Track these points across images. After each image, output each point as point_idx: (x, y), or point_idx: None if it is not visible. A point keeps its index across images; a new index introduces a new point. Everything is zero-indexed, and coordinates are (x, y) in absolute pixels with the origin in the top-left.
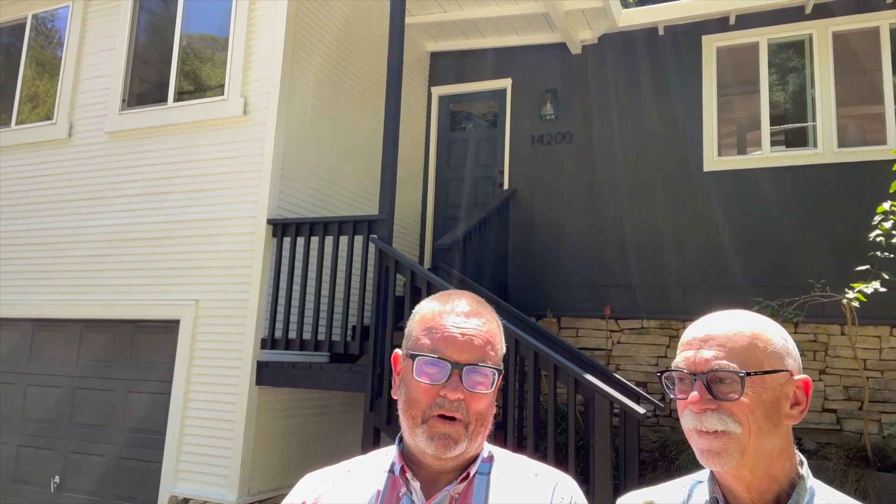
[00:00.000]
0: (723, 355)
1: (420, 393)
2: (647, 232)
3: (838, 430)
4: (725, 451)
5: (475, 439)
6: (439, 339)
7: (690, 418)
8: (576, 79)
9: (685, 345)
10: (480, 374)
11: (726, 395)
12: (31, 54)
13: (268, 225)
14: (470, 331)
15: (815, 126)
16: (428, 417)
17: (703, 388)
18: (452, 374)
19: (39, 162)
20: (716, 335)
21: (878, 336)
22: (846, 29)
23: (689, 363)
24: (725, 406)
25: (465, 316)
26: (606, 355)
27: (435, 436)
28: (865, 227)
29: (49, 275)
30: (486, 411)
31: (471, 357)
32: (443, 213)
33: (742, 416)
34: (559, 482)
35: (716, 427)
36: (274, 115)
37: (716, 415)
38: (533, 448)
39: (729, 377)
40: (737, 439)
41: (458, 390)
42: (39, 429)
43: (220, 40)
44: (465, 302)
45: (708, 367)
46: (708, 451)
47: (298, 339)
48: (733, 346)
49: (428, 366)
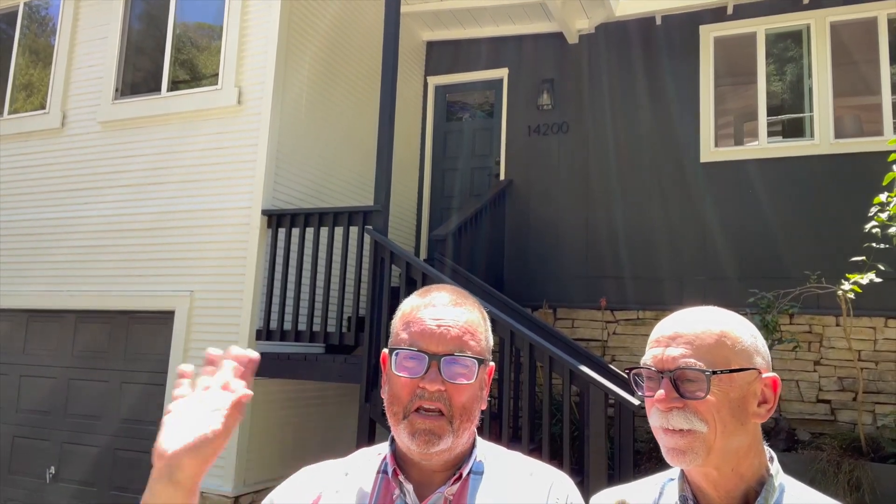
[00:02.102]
0: (690, 353)
1: (400, 387)
2: (643, 223)
3: (832, 420)
4: (691, 450)
5: (461, 434)
6: (416, 332)
7: (657, 416)
8: (573, 69)
9: (654, 342)
10: (460, 364)
11: (692, 394)
12: (23, 42)
13: (263, 216)
14: (447, 322)
15: (812, 117)
16: (409, 412)
17: (669, 387)
18: (430, 365)
19: (32, 152)
20: (683, 333)
21: (873, 327)
22: (844, 19)
23: (656, 361)
24: (692, 404)
25: (443, 307)
26: (602, 346)
27: (416, 432)
28: (861, 217)
29: (43, 265)
30: (470, 404)
31: (448, 348)
32: (439, 203)
33: (708, 414)
34: (555, 482)
35: (681, 426)
36: (269, 105)
37: (682, 413)
38: (528, 439)
39: (695, 375)
40: (702, 438)
41: (437, 381)
42: (34, 420)
43: (215, 29)
44: (444, 294)
45: (675, 366)
46: (674, 449)
47: (293, 331)
48: (701, 344)
49: (407, 360)
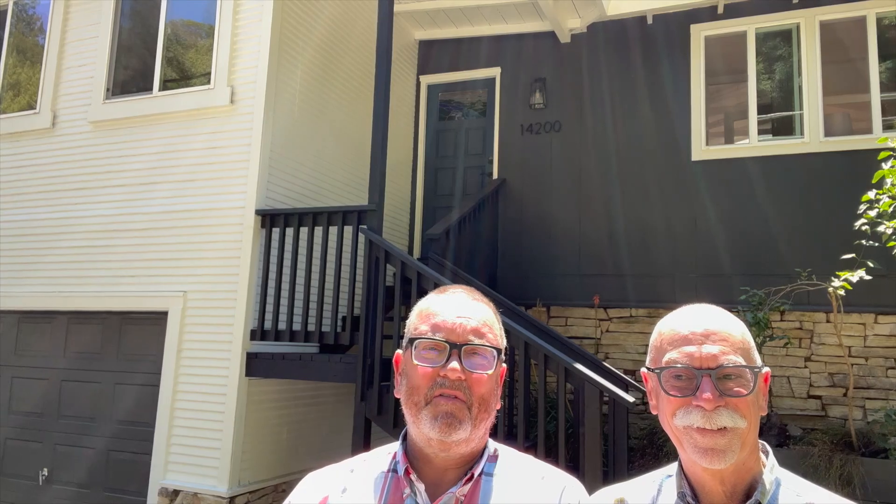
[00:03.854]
0: (729, 350)
1: (420, 378)
2: (635, 221)
3: (823, 416)
4: (730, 449)
5: (479, 426)
6: (437, 323)
7: (697, 416)
8: (565, 68)
9: (680, 339)
10: (480, 355)
11: (735, 391)
12: (12, 41)
13: (256, 216)
14: (467, 313)
15: (801, 115)
16: (430, 398)
17: (713, 385)
18: (451, 354)
19: (23, 152)
20: (716, 330)
21: (863, 323)
22: (833, 18)
23: (693, 359)
24: (732, 402)
25: (462, 302)
26: (595, 344)
27: (439, 415)
28: (851, 215)
29: (35, 266)
30: (488, 396)
31: (468, 338)
32: (432, 203)
33: (747, 410)
34: (567, 486)
35: (725, 424)
36: (262, 105)
37: (726, 411)
38: (523, 437)
39: (738, 372)
40: (740, 435)
41: (458, 370)
42: (27, 422)
43: (206, 27)
44: (462, 291)
45: (717, 363)
46: (712, 449)
47: (288, 330)
48: (734, 341)
49: (427, 350)
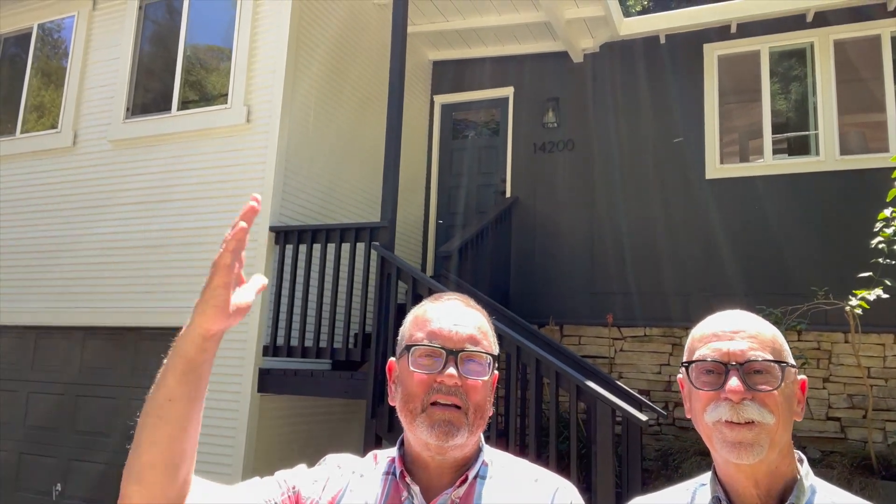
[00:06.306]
0: (757, 346)
1: (416, 384)
2: (649, 239)
3: (842, 438)
4: (757, 443)
5: (474, 431)
6: (433, 330)
7: (725, 409)
8: (577, 87)
9: (710, 337)
10: (475, 361)
11: (761, 386)
12: (36, 64)
13: (270, 232)
14: (462, 321)
15: (817, 134)
16: (426, 405)
17: (741, 378)
18: (448, 360)
19: (44, 170)
20: (745, 328)
21: (882, 344)
22: (847, 37)
23: (721, 354)
24: (760, 396)
25: (457, 309)
26: (609, 363)
27: (436, 423)
28: (867, 234)
29: (51, 282)
30: (483, 402)
31: (464, 345)
32: (446, 221)
33: (775, 406)
34: (559, 488)
35: (752, 417)
36: (277, 123)
37: (753, 404)
38: (535, 456)
39: (766, 367)
40: (768, 430)
41: (455, 376)
42: (41, 436)
43: (224, 50)
44: (457, 298)
45: (745, 358)
46: (740, 443)
47: (300, 347)
48: (763, 339)
49: (423, 357)
